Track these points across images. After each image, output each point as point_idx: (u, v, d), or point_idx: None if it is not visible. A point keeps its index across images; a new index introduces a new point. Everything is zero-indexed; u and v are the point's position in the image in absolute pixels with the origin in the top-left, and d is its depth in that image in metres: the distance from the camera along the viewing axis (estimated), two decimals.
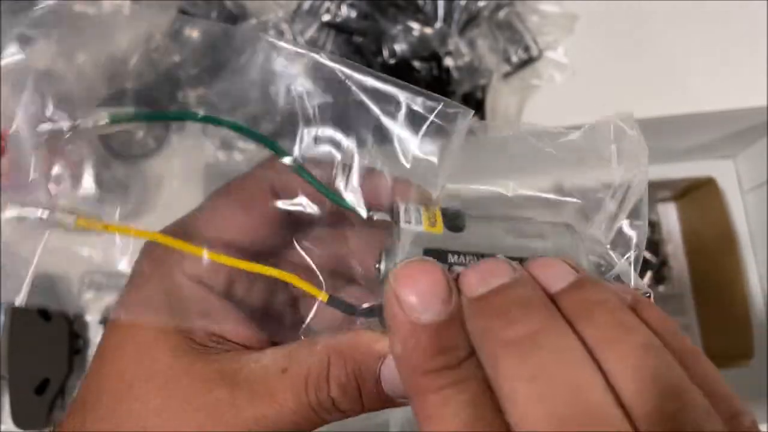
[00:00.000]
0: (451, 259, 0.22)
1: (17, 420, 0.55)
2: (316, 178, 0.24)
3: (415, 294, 0.19)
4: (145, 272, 0.24)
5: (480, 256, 0.22)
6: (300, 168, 0.24)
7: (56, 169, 0.23)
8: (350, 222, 0.25)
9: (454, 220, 0.22)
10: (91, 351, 0.60)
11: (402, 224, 0.22)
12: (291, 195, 0.25)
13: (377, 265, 0.23)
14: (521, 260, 0.21)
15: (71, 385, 0.58)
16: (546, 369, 0.17)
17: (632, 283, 0.23)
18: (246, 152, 0.60)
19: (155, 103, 0.64)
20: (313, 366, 0.22)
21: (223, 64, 0.26)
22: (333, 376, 0.22)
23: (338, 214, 0.25)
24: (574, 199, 0.24)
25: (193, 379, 0.22)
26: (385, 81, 0.23)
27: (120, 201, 0.65)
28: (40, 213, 0.22)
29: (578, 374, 0.17)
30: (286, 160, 0.24)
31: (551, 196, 0.24)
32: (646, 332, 0.19)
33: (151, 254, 0.25)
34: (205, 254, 0.23)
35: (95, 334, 0.60)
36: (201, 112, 0.24)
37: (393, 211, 0.23)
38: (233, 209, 0.25)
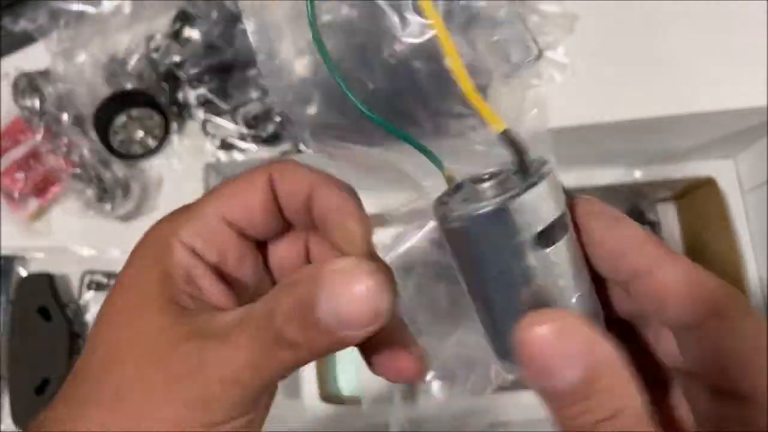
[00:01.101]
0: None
1: (17, 420, 0.55)
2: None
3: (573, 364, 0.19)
4: (143, 240, 0.26)
5: None
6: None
7: None
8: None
9: None
10: None
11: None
12: (288, 187, 0.26)
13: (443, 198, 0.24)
14: None
15: None
16: None
17: None
18: (246, 152, 0.60)
19: (155, 103, 0.64)
20: (265, 303, 0.23)
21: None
22: (279, 309, 0.22)
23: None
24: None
25: (168, 339, 0.23)
26: None
27: (120, 201, 0.65)
28: None
29: None
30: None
31: None
32: None
33: (154, 226, 0.26)
34: None
35: None
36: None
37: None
38: (235, 189, 0.26)
